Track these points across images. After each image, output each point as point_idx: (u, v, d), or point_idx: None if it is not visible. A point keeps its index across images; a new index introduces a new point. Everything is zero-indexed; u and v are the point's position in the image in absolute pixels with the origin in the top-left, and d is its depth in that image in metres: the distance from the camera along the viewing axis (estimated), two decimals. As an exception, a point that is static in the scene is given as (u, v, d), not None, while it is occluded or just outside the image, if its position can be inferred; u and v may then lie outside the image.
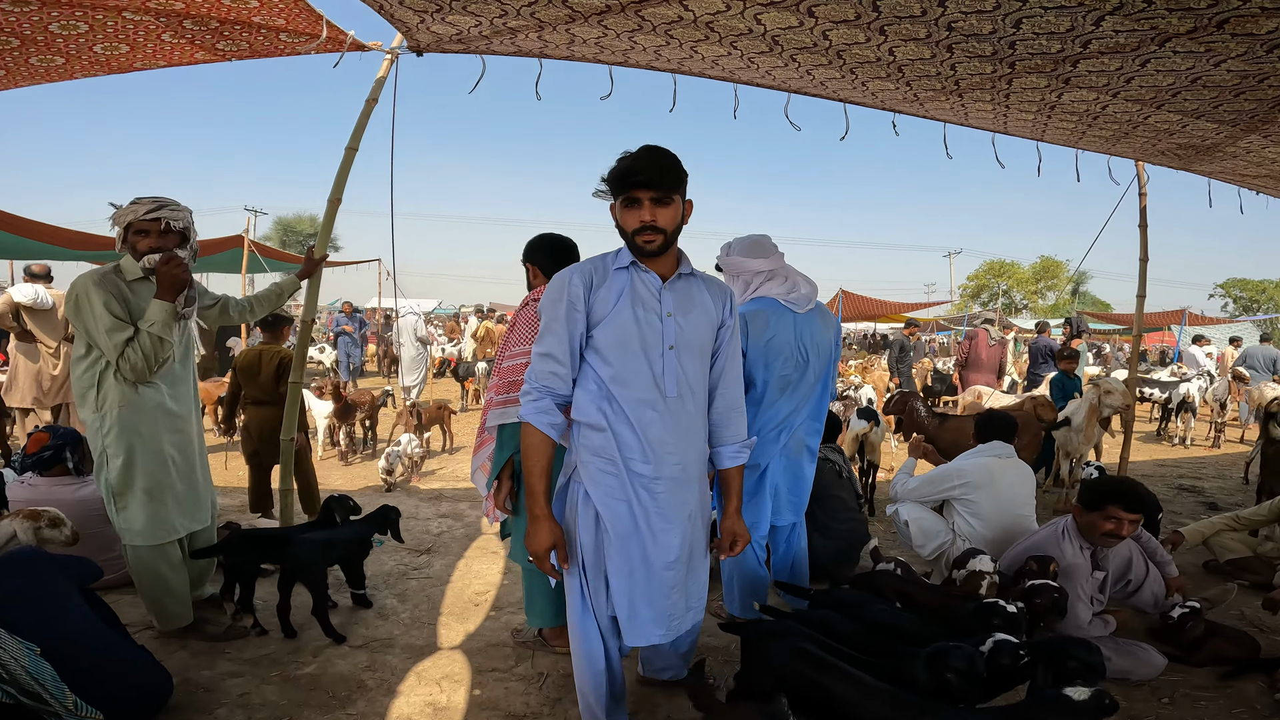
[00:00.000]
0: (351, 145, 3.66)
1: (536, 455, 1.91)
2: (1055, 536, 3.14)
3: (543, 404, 1.92)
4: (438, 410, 7.28)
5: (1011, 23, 2.22)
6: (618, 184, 1.90)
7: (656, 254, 1.93)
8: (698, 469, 2.06)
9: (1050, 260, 39.42)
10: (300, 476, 4.77)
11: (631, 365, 1.93)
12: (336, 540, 3.37)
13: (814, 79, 3.13)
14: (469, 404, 10.27)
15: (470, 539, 4.69)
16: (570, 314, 1.92)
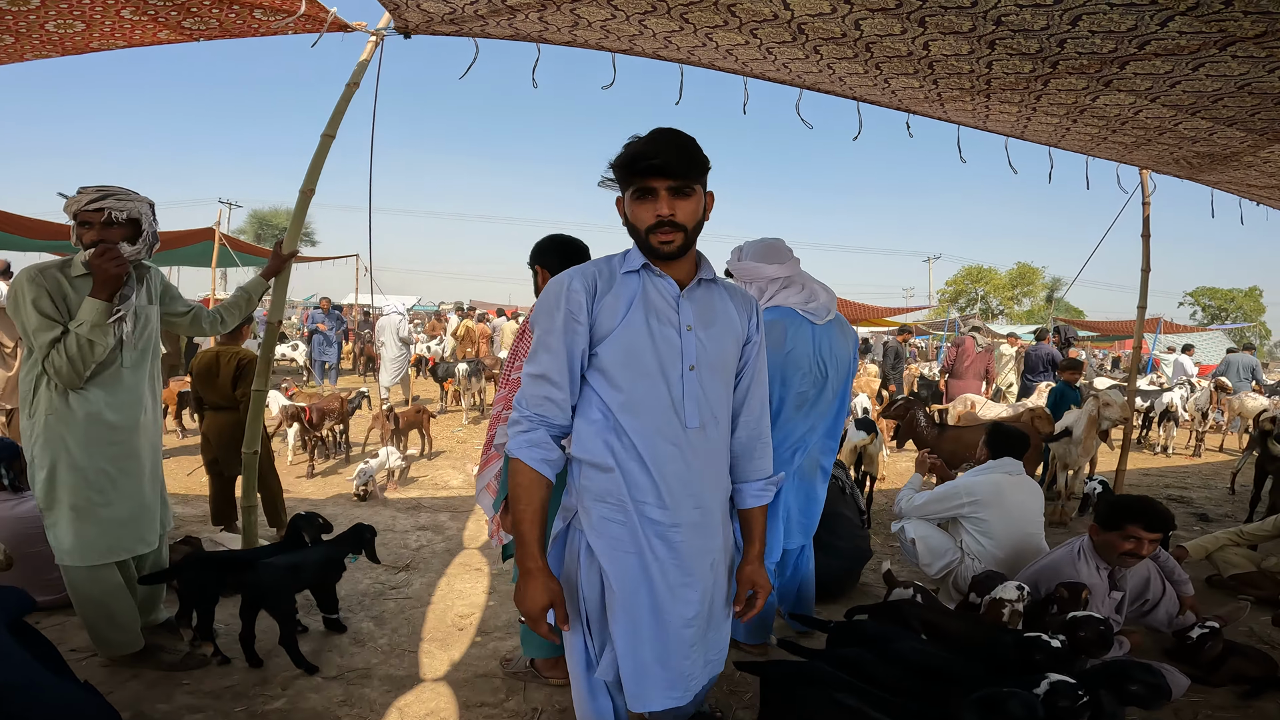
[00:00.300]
0: (328, 133, 3.36)
1: (528, 498, 1.57)
2: (1071, 557, 3.06)
3: (535, 436, 1.59)
4: (415, 414, 6.96)
5: (1069, 19, 2.06)
6: (628, 171, 1.57)
7: (675, 256, 1.60)
8: (722, 510, 1.74)
9: (1026, 266, 40.09)
10: (263, 488, 4.45)
11: (645, 390, 1.60)
12: (305, 564, 3.08)
13: (834, 73, 2.94)
14: (448, 405, 9.95)
15: (452, 554, 4.41)
16: (569, 326, 1.59)
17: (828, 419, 2.91)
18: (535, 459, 1.57)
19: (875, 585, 4.08)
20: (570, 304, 1.60)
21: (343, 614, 3.38)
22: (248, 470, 3.35)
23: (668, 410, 1.61)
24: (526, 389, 1.62)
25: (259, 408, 3.35)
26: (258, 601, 2.83)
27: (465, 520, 5.08)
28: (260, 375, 3.36)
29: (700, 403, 1.64)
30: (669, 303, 1.64)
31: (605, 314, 1.61)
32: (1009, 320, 35.84)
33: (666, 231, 1.57)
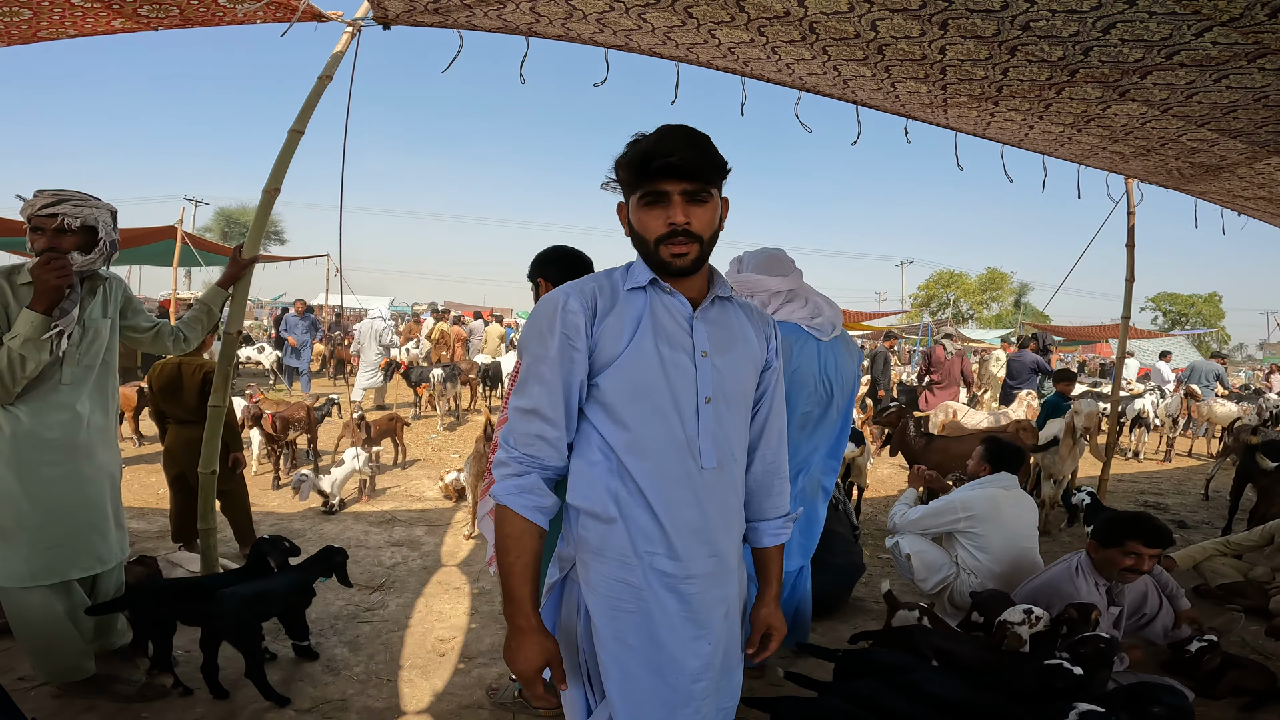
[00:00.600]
0: (297, 127, 3.11)
1: (518, 550, 1.36)
2: (1069, 574, 3.03)
3: (526, 481, 1.38)
4: (388, 421, 6.70)
5: (1101, 27, 1.98)
6: (637, 171, 1.36)
7: (688, 271, 1.39)
8: (737, 554, 1.55)
9: (996, 272, 40.87)
10: (231, 509, 4.23)
11: (655, 427, 1.38)
12: (270, 592, 2.85)
13: (838, 75, 2.82)
14: (422, 411, 9.67)
15: (430, 572, 4.20)
16: (565, 352, 1.37)
17: (830, 439, 2.79)
18: (526, 507, 1.37)
19: (867, 599, 3.99)
20: (566, 326, 1.37)
21: (314, 640, 3.17)
22: (204, 491, 3.10)
23: (681, 450, 1.40)
24: (515, 425, 1.40)
25: (216, 425, 3.08)
26: (218, 634, 2.62)
27: (443, 535, 4.87)
28: (218, 390, 3.08)
29: (717, 440, 1.43)
30: (681, 325, 1.42)
31: (607, 338, 1.38)
32: (978, 324, 36.52)
33: (680, 243, 1.36)
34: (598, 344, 1.39)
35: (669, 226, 1.35)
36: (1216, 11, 1.76)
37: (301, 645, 3.06)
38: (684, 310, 1.43)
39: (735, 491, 1.50)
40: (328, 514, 5.18)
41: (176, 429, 4.09)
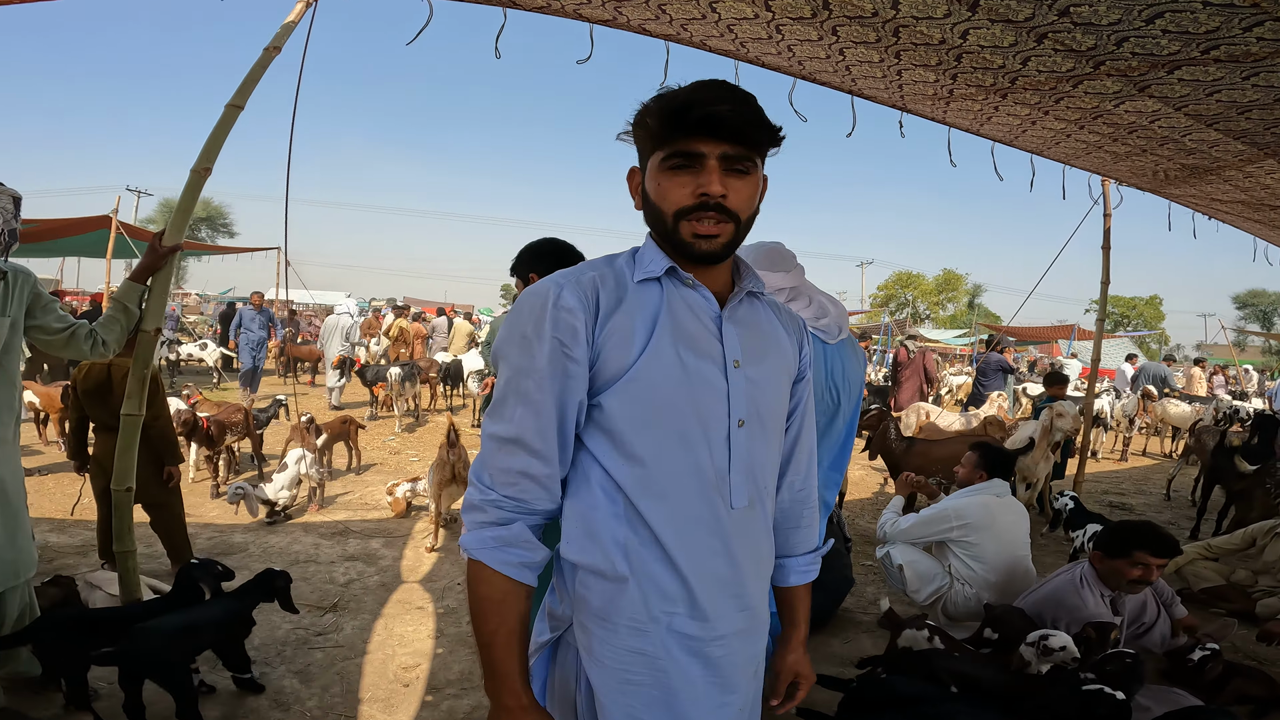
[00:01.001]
0: (236, 102, 2.72)
1: (499, 615, 1.07)
2: (1074, 585, 2.95)
3: (509, 533, 1.07)
4: (341, 425, 6.29)
5: (1146, 16, 1.85)
6: (667, 122, 1.06)
7: (716, 258, 1.11)
8: (767, 600, 1.28)
9: (952, 273, 41.94)
10: (164, 524, 3.86)
11: (677, 459, 1.09)
12: (200, 623, 2.53)
13: (842, 60, 2.63)
14: (379, 412, 9.23)
15: (388, 589, 3.88)
16: (558, 364, 1.06)
17: (834, 450, 2.58)
18: (508, 564, 1.07)
19: (855, 611, 3.84)
20: (559, 328, 1.05)
21: (259, 670, 2.86)
22: (119, 510, 2.72)
23: (708, 488, 1.11)
24: (492, 459, 1.09)
25: (130, 436, 2.70)
26: (139, 671, 2.31)
27: (402, 547, 4.54)
28: (131, 397, 2.68)
29: (750, 472, 1.15)
30: (707, 327, 1.13)
31: (614, 344, 1.08)
32: (934, 324, 37.34)
33: (711, 220, 1.06)
34: (601, 352, 1.08)
35: (699, 198, 1.06)
36: (1277, 6, 1.62)
37: (243, 678, 2.74)
38: (710, 308, 1.15)
39: (767, 530, 1.24)
40: (272, 524, 4.78)
41: (105, 437, 3.68)
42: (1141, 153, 3.43)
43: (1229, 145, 3.06)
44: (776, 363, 1.21)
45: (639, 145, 1.13)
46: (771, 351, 1.21)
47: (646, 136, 1.10)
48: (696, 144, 1.04)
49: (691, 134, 1.04)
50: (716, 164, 1.05)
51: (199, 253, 18.39)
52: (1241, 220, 5.02)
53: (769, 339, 1.22)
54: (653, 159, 1.10)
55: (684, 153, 1.05)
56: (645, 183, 1.13)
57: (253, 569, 3.93)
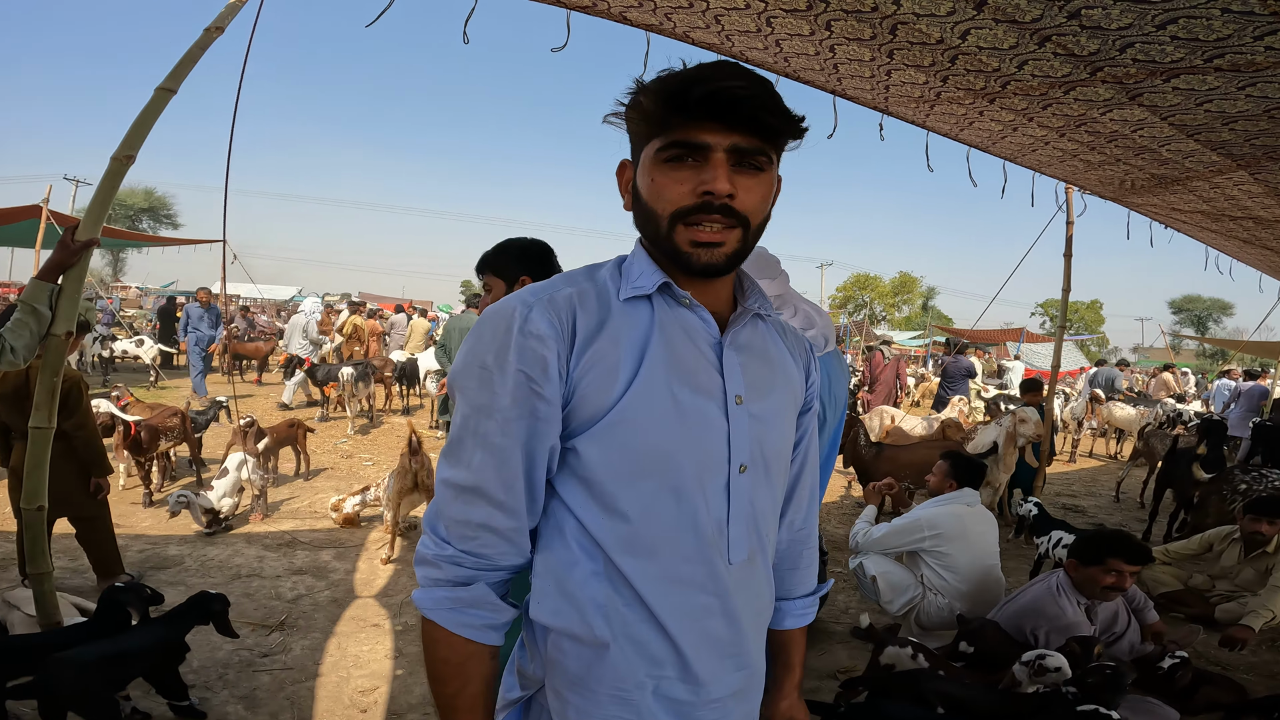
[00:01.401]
0: (168, 85, 2.46)
1: (459, 680, 0.94)
2: (1050, 594, 2.95)
3: (468, 594, 0.92)
4: (289, 428, 5.96)
5: (1159, 21, 1.80)
6: (667, 104, 0.87)
7: (718, 270, 0.93)
8: (764, 661, 1.14)
9: (907, 276, 42.93)
10: (91, 537, 3.58)
11: (667, 514, 0.93)
12: (126, 653, 2.33)
13: (832, 57, 2.53)
14: (330, 413, 8.85)
15: (340, 605, 3.64)
16: (525, 403, 0.89)
17: None
18: (468, 626, 0.92)
19: (828, 620, 3.77)
20: (526, 359, 0.88)
21: (199, 695, 2.65)
22: (31, 531, 2.45)
23: (703, 544, 0.95)
24: (448, 508, 0.93)
25: (42, 451, 2.43)
26: (60, 705, 2.12)
27: (355, 559, 4.29)
28: (41, 408, 2.40)
29: (751, 523, 1.00)
30: (705, 356, 0.96)
31: (594, 378, 0.91)
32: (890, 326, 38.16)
33: (717, 225, 0.89)
34: (578, 388, 0.90)
35: (701, 197, 0.88)
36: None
37: (181, 705, 2.53)
38: (709, 333, 0.97)
39: (769, 580, 1.09)
40: (211, 535, 4.47)
41: (19, 447, 3.39)
42: (1115, 162, 3.44)
43: (1204, 156, 3.08)
44: (784, 396, 1.05)
45: (631, 133, 0.95)
46: (779, 383, 1.05)
47: (641, 121, 0.92)
48: (701, 132, 0.87)
49: (696, 119, 0.86)
50: (724, 157, 0.87)
51: (139, 244, 17.53)
52: (1198, 230, 5.14)
53: (776, 368, 1.05)
54: (647, 150, 0.92)
55: (685, 142, 0.87)
56: (637, 178, 0.95)
57: (189, 585, 3.68)
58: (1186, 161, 3.22)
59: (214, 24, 2.57)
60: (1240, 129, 2.57)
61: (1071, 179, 4.28)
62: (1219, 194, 3.79)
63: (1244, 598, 3.87)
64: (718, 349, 0.97)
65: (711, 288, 0.98)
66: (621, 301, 0.95)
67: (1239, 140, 2.72)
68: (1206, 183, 3.61)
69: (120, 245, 17.98)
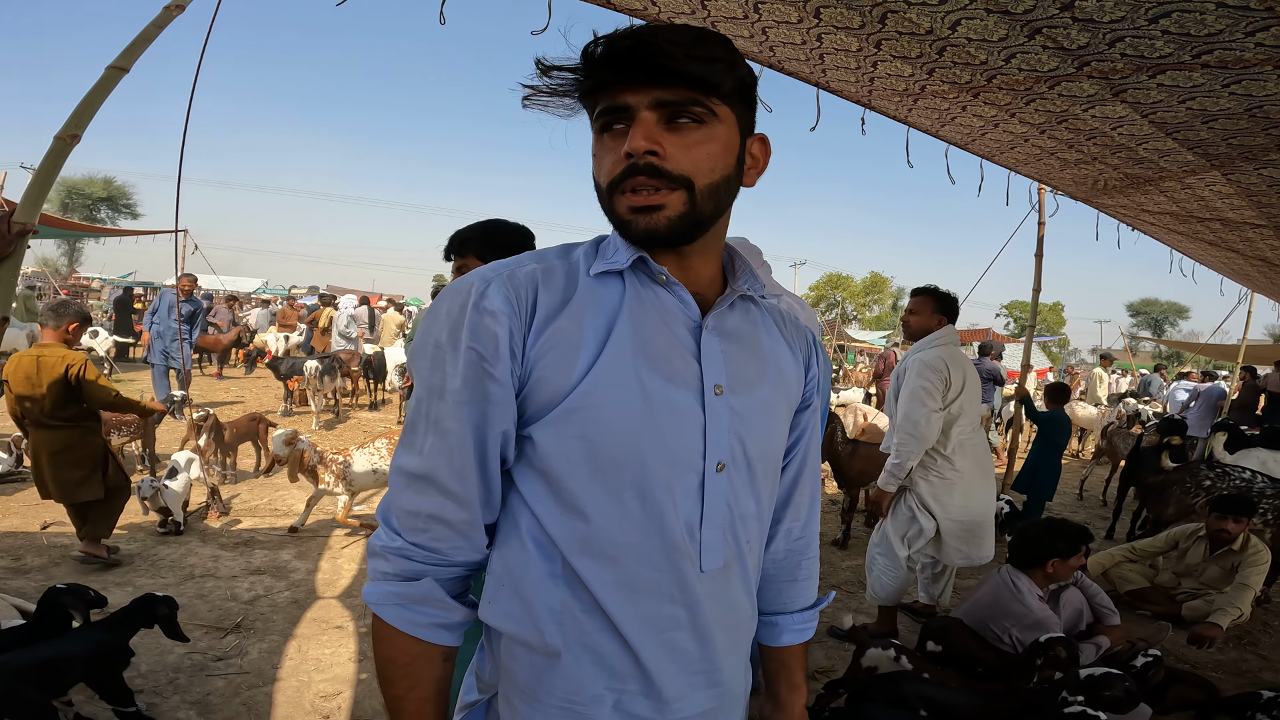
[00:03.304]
0: (120, 64, 2.30)
1: (408, 681, 0.87)
2: (1010, 591, 2.92)
3: (416, 590, 0.85)
4: (250, 423, 5.75)
5: (1152, 15, 1.78)
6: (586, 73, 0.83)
7: (661, 238, 0.84)
8: (746, 675, 1.02)
9: (878, 276, 43.47)
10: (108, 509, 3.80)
11: (630, 514, 0.85)
12: (64, 658, 2.22)
13: (819, 47, 2.48)
14: (293, 408, 8.59)
15: (301, 607, 3.50)
16: (478, 385, 0.82)
17: None
18: (417, 624, 0.85)
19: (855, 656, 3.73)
20: (479, 338, 0.81)
21: (147, 699, 2.52)
22: None
23: (671, 549, 0.86)
24: (400, 497, 0.86)
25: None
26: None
27: (317, 559, 4.14)
28: None
29: (728, 528, 0.90)
30: (680, 339, 0.88)
31: (553, 359, 0.83)
32: (861, 325, 38.63)
33: (646, 185, 0.81)
34: (534, 369, 0.82)
35: (626, 160, 0.81)
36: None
37: (126, 712, 2.40)
38: (687, 314, 0.89)
39: (748, 591, 0.98)
40: (164, 534, 4.27)
41: (35, 433, 3.61)
42: (1091, 160, 3.45)
43: (1179, 155, 3.10)
44: (774, 389, 0.95)
45: (586, 110, 0.88)
46: (768, 374, 0.95)
47: (581, 102, 0.86)
48: (621, 94, 0.80)
49: (608, 81, 0.81)
50: (651, 115, 0.80)
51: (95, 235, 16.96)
52: (1164, 232, 5.23)
53: (766, 358, 0.96)
54: (591, 127, 0.86)
55: (610, 108, 0.82)
56: (594, 167, 0.87)
57: (138, 585, 3.51)
58: (1162, 161, 3.24)
59: (174, 2, 2.42)
60: (1219, 127, 2.58)
61: (1046, 178, 4.31)
62: (1190, 195, 3.84)
63: (1210, 595, 3.94)
64: (696, 333, 0.88)
65: (692, 264, 0.89)
66: (592, 276, 0.87)
67: (1216, 139, 2.74)
68: (1179, 183, 3.65)
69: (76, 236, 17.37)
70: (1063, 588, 3.09)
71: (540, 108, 0.87)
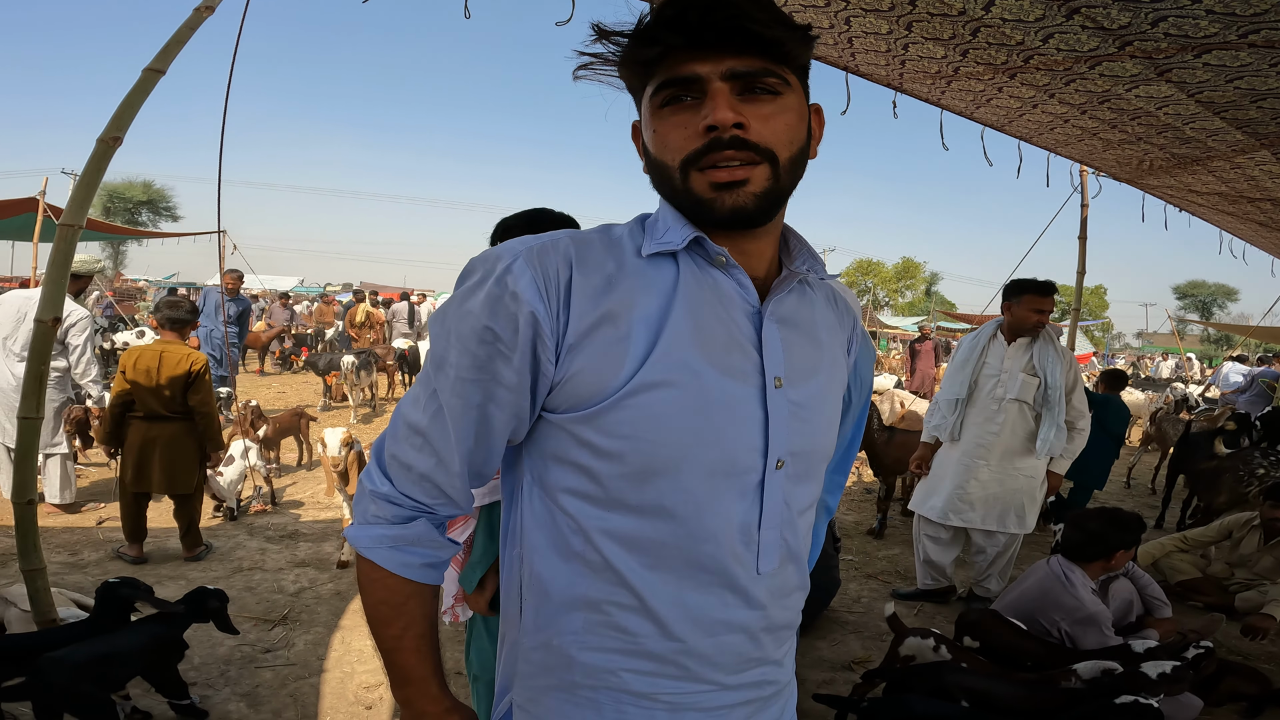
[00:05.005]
0: (156, 66, 2.37)
1: (403, 620, 0.85)
2: (1060, 584, 2.84)
3: (408, 531, 0.83)
4: (292, 417, 5.90)
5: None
6: (647, 43, 0.77)
7: (749, 217, 0.78)
8: (791, 664, 0.98)
9: (910, 261, 42.71)
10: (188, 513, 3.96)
11: (685, 516, 0.79)
12: (122, 652, 2.26)
13: (847, 30, 2.44)
14: (331, 402, 8.79)
15: (344, 599, 3.58)
16: (487, 367, 0.77)
17: (839, 453, 2.41)
18: (408, 565, 0.84)
19: (840, 610, 3.71)
20: (495, 315, 0.75)
21: (200, 693, 2.60)
22: (22, 526, 2.40)
23: (726, 552, 0.81)
24: (397, 444, 0.83)
25: (30, 442, 2.38)
26: (54, 706, 2.05)
27: (359, 551, 4.24)
28: (29, 397, 2.33)
29: (787, 526, 0.86)
30: (740, 328, 0.81)
31: (598, 348, 0.76)
32: (893, 311, 38.03)
33: (733, 159, 0.75)
34: (573, 357, 0.76)
35: (706, 134, 0.74)
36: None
37: (181, 704, 2.47)
38: (746, 300, 0.82)
39: (801, 586, 0.93)
40: (230, 519, 4.50)
41: (145, 425, 3.77)
42: (1135, 141, 3.34)
43: (1228, 135, 2.98)
44: (829, 378, 0.90)
45: (630, 90, 0.84)
46: (824, 365, 0.89)
47: (629, 74, 0.81)
48: (690, 64, 0.74)
49: (679, 50, 0.74)
50: (724, 86, 0.74)
51: (139, 237, 17.51)
52: (1213, 213, 5.04)
53: (823, 347, 0.90)
54: (644, 101, 0.81)
55: (675, 79, 0.76)
56: (643, 134, 0.83)
57: (190, 579, 3.64)
58: (1210, 140, 3.12)
59: (203, 3, 2.48)
60: (1268, 106, 2.48)
61: (1088, 159, 4.17)
62: (1239, 174, 3.70)
63: (1264, 586, 3.81)
64: (756, 320, 0.82)
65: (749, 247, 0.83)
66: (643, 258, 0.80)
67: (1265, 119, 2.64)
68: (1228, 163, 3.51)
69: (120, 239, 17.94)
70: (1112, 578, 3.02)
71: (594, 78, 0.84)
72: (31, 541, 2.34)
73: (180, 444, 3.82)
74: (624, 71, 0.82)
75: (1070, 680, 2.24)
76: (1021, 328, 3.42)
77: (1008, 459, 3.48)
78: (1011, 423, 3.45)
